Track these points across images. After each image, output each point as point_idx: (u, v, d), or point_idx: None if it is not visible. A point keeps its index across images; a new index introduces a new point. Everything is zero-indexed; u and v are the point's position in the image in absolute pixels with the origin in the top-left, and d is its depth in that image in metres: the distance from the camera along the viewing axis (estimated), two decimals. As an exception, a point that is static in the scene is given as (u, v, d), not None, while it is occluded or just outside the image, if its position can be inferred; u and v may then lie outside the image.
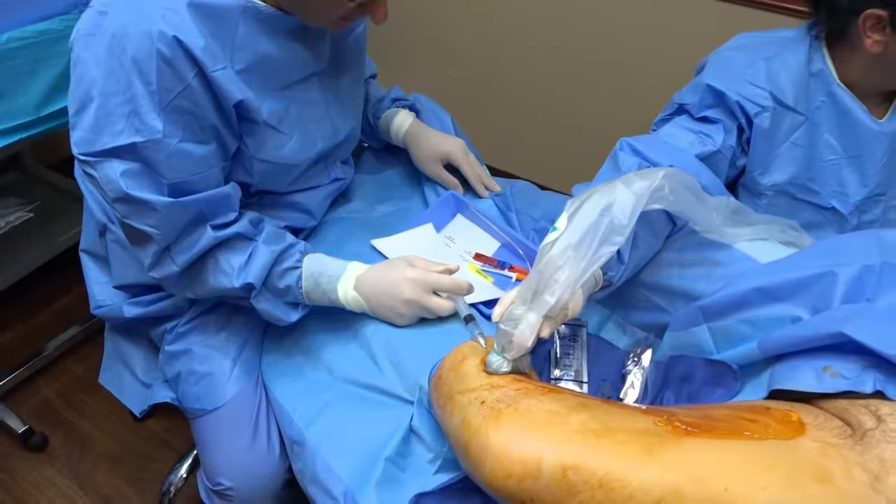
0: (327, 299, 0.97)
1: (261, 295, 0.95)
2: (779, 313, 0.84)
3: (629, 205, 0.80)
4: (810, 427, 0.73)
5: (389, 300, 0.96)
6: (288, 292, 0.96)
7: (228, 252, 0.93)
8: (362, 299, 0.97)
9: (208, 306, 1.07)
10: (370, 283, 0.97)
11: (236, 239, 0.93)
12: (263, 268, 0.93)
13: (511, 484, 0.71)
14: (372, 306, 0.97)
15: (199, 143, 0.86)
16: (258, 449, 1.02)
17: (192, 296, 0.97)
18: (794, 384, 0.78)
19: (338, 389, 0.98)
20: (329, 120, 1.02)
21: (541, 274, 0.78)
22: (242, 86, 0.87)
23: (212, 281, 0.93)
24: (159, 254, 0.90)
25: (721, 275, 0.92)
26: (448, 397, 0.83)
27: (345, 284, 0.97)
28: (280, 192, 1.05)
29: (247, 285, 0.93)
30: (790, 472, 0.69)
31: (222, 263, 0.92)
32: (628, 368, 0.98)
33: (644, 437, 0.72)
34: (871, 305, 0.79)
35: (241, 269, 0.93)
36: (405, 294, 0.95)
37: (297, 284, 0.96)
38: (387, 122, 1.23)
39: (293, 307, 0.98)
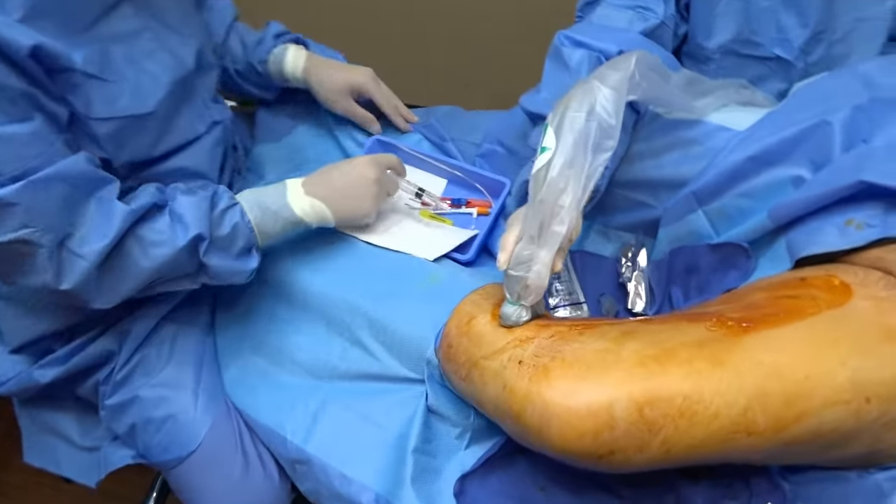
0: (282, 224, 0.85)
1: (211, 248, 0.80)
2: (777, 177, 0.80)
3: (612, 101, 0.71)
4: (855, 286, 0.70)
5: (355, 187, 0.87)
6: (236, 235, 0.81)
7: (150, 222, 0.77)
8: (322, 202, 0.85)
9: (142, 339, 0.90)
10: (322, 183, 0.87)
11: (152, 210, 0.78)
12: (202, 214, 0.79)
13: (586, 442, 0.63)
14: (336, 206, 0.86)
15: (21, 121, 0.67)
16: (254, 479, 0.88)
17: (118, 298, 0.78)
18: (820, 246, 0.74)
19: (326, 390, 0.86)
20: (164, 49, 0.83)
21: (543, 203, 0.68)
22: (31, 31, 0.68)
23: (144, 262, 0.76)
24: (55, 257, 0.71)
25: (699, 153, 0.86)
26: (471, 365, 0.73)
27: (295, 196, 0.85)
28: (153, 160, 0.87)
29: (194, 239, 0.77)
30: (857, 340, 0.65)
31: (150, 235, 0.76)
32: (625, 276, 0.91)
33: (705, 347, 0.65)
34: (871, 146, 0.75)
35: (176, 228, 0.77)
36: (370, 173, 0.87)
37: (244, 220, 0.82)
38: (277, 64, 1.06)
39: (247, 253, 0.84)
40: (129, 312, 0.90)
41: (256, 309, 0.93)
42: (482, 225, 0.97)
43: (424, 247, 0.92)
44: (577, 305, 0.92)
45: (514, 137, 1.00)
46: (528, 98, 0.91)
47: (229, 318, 0.95)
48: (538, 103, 0.88)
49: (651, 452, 0.64)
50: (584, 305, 0.91)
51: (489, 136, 1.03)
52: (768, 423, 0.63)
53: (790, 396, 0.63)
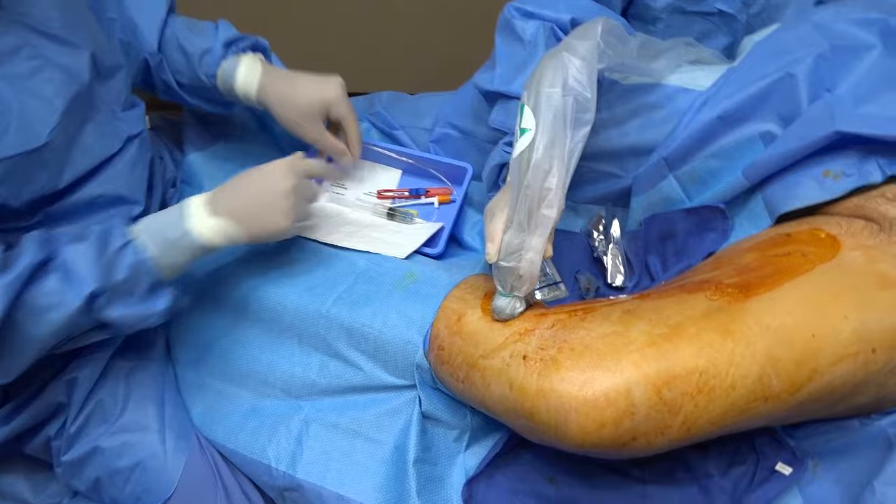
0: (188, 253, 0.74)
1: (112, 300, 0.69)
2: (747, 134, 0.79)
3: (585, 73, 0.68)
4: (842, 237, 0.70)
5: (267, 201, 0.74)
6: (136, 277, 0.70)
7: (37, 285, 0.66)
8: (228, 220, 0.73)
9: (92, 384, 0.81)
10: (229, 198, 0.74)
11: (37, 270, 0.66)
12: (93, 263, 0.67)
13: (607, 432, 0.60)
14: (245, 225, 0.74)
15: None
16: (240, 513, 0.82)
17: (17, 372, 0.69)
18: (801, 200, 0.74)
19: (307, 410, 0.80)
20: (51, 65, 0.71)
21: (529, 187, 0.65)
22: None
23: (37, 331, 0.66)
24: None
25: (663, 117, 0.84)
26: (469, 367, 0.69)
27: (198, 220, 0.73)
28: (61, 192, 0.76)
29: (90, 296, 0.66)
30: (855, 292, 0.65)
31: (39, 300, 0.65)
32: (600, 250, 0.89)
33: (711, 318, 0.64)
34: (838, 95, 0.75)
35: (66, 286, 0.66)
36: (282, 184, 0.74)
37: (141, 258, 0.70)
38: (227, 79, 0.88)
39: (152, 292, 0.73)
40: (73, 358, 0.80)
41: (217, 332, 0.86)
42: (445, 214, 0.93)
43: (393, 245, 0.87)
44: (553, 286, 0.88)
45: (468, 119, 0.96)
46: (482, 76, 0.87)
47: (187, 345, 0.87)
48: (494, 81, 0.84)
49: (672, 433, 0.62)
50: (561, 285, 0.88)
51: (441, 120, 0.98)
52: (783, 387, 0.62)
53: (801, 357, 0.62)
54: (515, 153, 0.66)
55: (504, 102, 0.84)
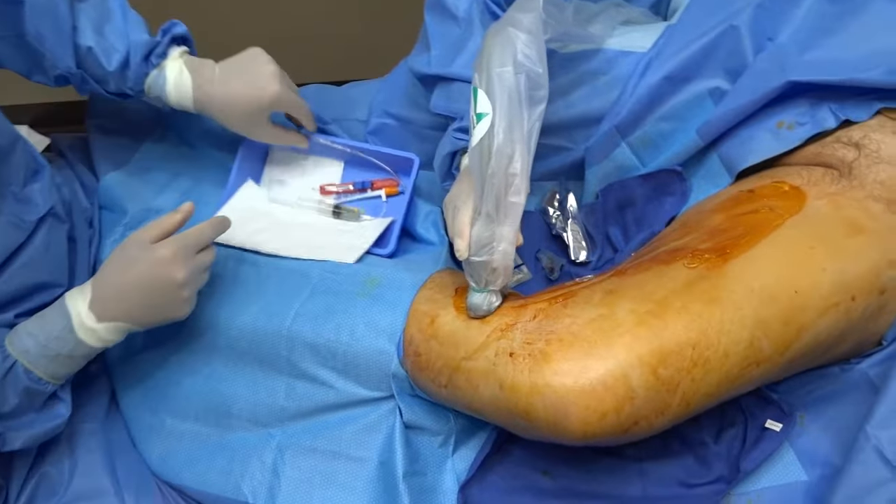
0: (80, 360, 0.69)
1: (7, 430, 0.65)
2: (695, 92, 0.77)
3: (533, 47, 0.64)
4: (805, 187, 0.69)
5: (160, 298, 0.68)
6: (29, 398, 0.66)
7: None
8: (123, 322, 0.67)
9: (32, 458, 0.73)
10: (114, 298, 0.67)
11: None
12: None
13: (609, 421, 0.58)
14: (140, 321, 0.69)
15: None
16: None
17: None
18: (759, 154, 0.73)
19: (279, 438, 0.75)
20: None
21: (494, 175, 0.61)
22: None
23: None
24: None
25: (607, 83, 0.82)
26: (452, 370, 0.65)
27: (85, 329, 0.66)
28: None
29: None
30: (828, 242, 0.65)
31: None
32: (558, 226, 0.86)
33: (694, 288, 0.62)
34: (781, 44, 0.74)
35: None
36: (175, 276, 0.67)
37: (31, 378, 0.65)
38: (157, 94, 0.80)
39: (49, 405, 0.69)
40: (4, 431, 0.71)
41: (168, 369, 0.79)
42: (394, 207, 0.88)
43: (341, 248, 0.81)
44: (516, 269, 0.86)
45: (404, 106, 0.91)
46: (417, 59, 0.82)
47: (138, 388, 0.80)
48: (431, 63, 0.79)
49: (672, 411, 0.60)
50: (524, 267, 0.86)
51: (376, 110, 0.93)
52: (774, 348, 0.62)
53: (787, 316, 0.62)
54: (474, 140, 0.62)
55: (444, 86, 0.80)
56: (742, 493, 0.69)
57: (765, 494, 0.69)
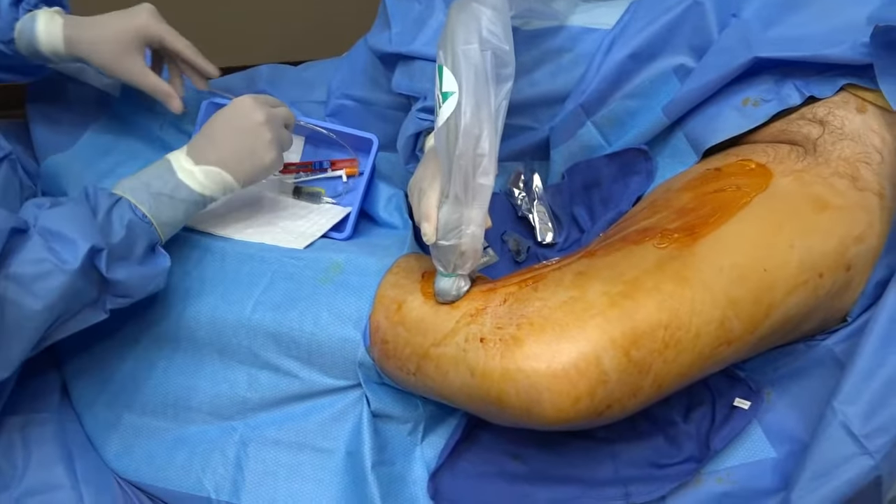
0: (184, 207, 0.70)
1: (111, 261, 0.63)
2: (660, 70, 0.76)
3: (499, 23, 0.62)
4: (771, 165, 0.69)
5: (247, 138, 0.72)
6: (133, 236, 0.65)
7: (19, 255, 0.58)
8: (217, 167, 0.70)
9: None
10: (207, 146, 0.71)
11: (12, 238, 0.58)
12: (85, 222, 0.62)
13: (583, 405, 0.57)
14: (235, 168, 0.71)
15: None
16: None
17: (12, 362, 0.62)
18: (725, 132, 0.73)
19: (242, 430, 0.72)
20: None
21: (462, 156, 0.59)
22: None
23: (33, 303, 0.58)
24: None
25: (571, 61, 0.81)
26: (420, 357, 0.64)
27: (185, 170, 0.70)
28: None
29: (88, 254, 0.60)
30: (796, 219, 0.65)
31: (27, 270, 0.58)
32: (524, 208, 0.85)
33: (665, 268, 0.61)
34: (745, 21, 0.73)
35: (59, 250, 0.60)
36: (255, 117, 0.72)
37: (138, 215, 0.66)
38: (27, 41, 0.76)
39: (152, 253, 0.68)
40: None
41: (120, 362, 0.75)
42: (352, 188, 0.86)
43: (293, 233, 0.79)
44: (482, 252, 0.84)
45: (363, 86, 0.88)
46: (377, 38, 0.79)
47: (91, 382, 0.76)
48: (392, 41, 0.77)
49: (644, 393, 0.60)
50: (490, 249, 0.84)
51: (334, 91, 0.90)
52: (744, 327, 0.62)
53: (757, 294, 0.62)
54: (441, 120, 0.60)
55: (406, 64, 0.77)
56: (712, 472, 0.69)
57: (734, 472, 0.69)
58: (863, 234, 0.65)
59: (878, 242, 0.66)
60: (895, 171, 0.67)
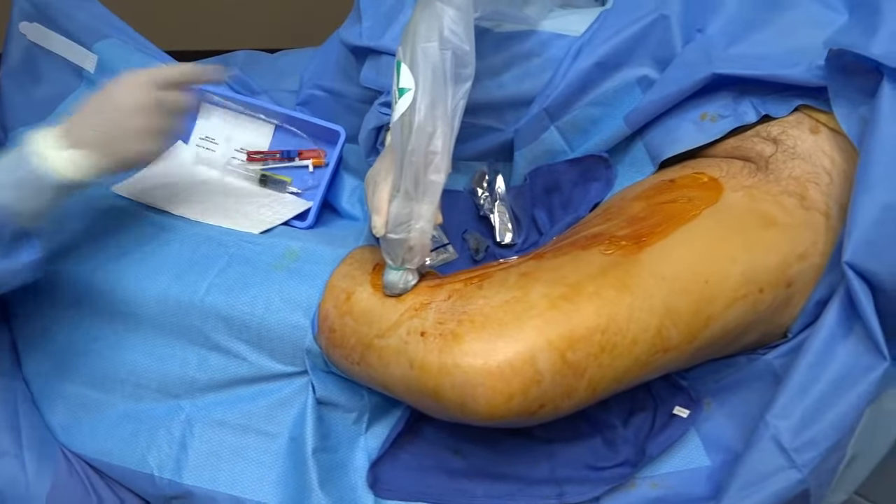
0: (46, 194, 0.64)
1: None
2: (624, 80, 0.77)
3: (461, 24, 0.63)
4: (723, 179, 0.70)
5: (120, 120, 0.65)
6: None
7: None
8: (83, 151, 0.64)
9: None
10: (79, 124, 0.65)
11: None
12: None
13: (515, 404, 0.58)
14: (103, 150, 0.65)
15: None
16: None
17: None
18: (680, 145, 0.74)
19: (188, 409, 0.73)
20: None
21: (414, 152, 0.60)
22: None
23: None
24: None
25: (539, 65, 0.81)
26: (364, 347, 0.65)
27: (46, 153, 0.63)
28: None
29: None
30: (741, 233, 0.66)
31: None
32: (486, 208, 0.86)
33: (608, 274, 0.63)
34: (709, 36, 0.74)
35: None
36: (137, 98, 0.65)
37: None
38: None
39: (17, 243, 0.64)
40: None
41: (73, 333, 0.76)
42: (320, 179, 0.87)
43: (249, 219, 0.80)
44: (442, 248, 0.85)
45: (335, 78, 0.89)
46: (348, 31, 0.80)
47: (40, 351, 0.76)
48: (363, 35, 0.78)
49: (579, 396, 0.61)
50: (450, 246, 0.86)
51: (306, 81, 0.90)
52: (682, 337, 0.63)
53: (696, 306, 0.63)
54: (395, 116, 0.61)
55: (374, 58, 0.78)
56: (646, 477, 0.70)
57: (668, 479, 0.70)
58: (806, 252, 0.66)
59: (821, 261, 0.67)
60: (842, 193, 0.68)
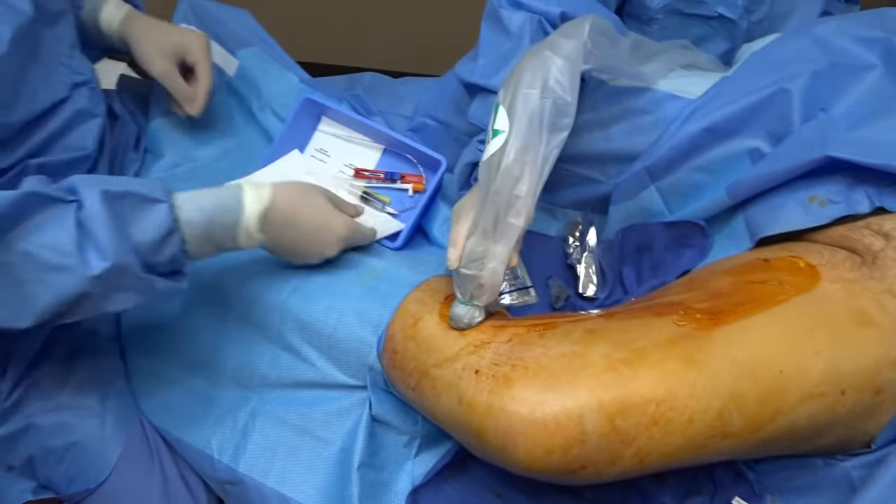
0: (215, 251, 0.70)
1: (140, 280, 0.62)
2: (734, 150, 0.75)
3: (567, 74, 0.64)
4: (822, 268, 0.66)
5: (316, 245, 0.75)
6: (169, 264, 0.65)
7: (48, 234, 0.56)
8: (270, 244, 0.72)
9: (30, 359, 0.77)
10: (279, 223, 0.71)
11: (42, 203, 0.57)
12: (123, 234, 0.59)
13: (555, 459, 0.57)
14: (283, 253, 0.74)
15: None
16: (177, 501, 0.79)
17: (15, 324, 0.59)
18: (784, 225, 0.70)
19: (255, 402, 0.77)
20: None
21: (497, 193, 0.61)
22: None
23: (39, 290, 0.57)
24: None
25: (650, 123, 0.80)
26: (421, 374, 0.66)
27: (248, 236, 0.69)
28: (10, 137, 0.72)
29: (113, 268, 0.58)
30: (830, 327, 0.62)
31: (45, 253, 0.56)
32: (574, 257, 0.85)
33: (676, 345, 0.60)
34: (832, 116, 0.71)
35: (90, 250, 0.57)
36: (340, 231, 0.75)
37: (182, 249, 0.65)
38: (92, 16, 0.86)
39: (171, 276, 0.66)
40: None
41: (171, 315, 0.82)
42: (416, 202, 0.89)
43: None
44: (524, 291, 0.85)
45: (448, 110, 0.91)
46: (464, 67, 0.82)
47: (138, 326, 0.83)
48: (476, 72, 0.80)
49: (624, 464, 0.59)
50: (532, 290, 0.85)
51: (420, 109, 0.94)
52: (744, 425, 0.59)
53: (765, 395, 0.59)
54: (486, 155, 0.62)
55: (484, 97, 0.80)
56: (691, 565, 0.67)
57: (716, 570, 0.66)
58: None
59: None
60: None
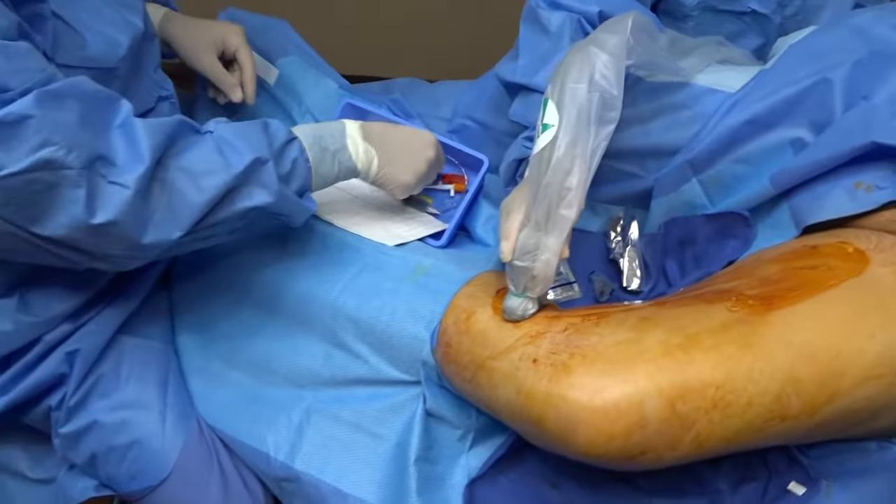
0: (337, 169, 0.77)
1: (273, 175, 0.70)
2: (776, 140, 0.76)
3: (612, 69, 0.65)
4: (870, 253, 0.67)
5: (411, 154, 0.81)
6: (293, 173, 0.73)
7: (192, 151, 0.67)
8: (375, 152, 0.79)
9: (95, 357, 0.79)
10: (380, 134, 0.80)
11: (187, 132, 0.68)
12: (257, 140, 0.70)
13: (616, 445, 0.58)
14: (385, 162, 0.80)
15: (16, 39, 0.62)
16: (237, 498, 0.81)
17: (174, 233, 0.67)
18: (830, 212, 0.71)
19: (309, 400, 0.78)
20: (115, 7, 0.77)
21: (549, 186, 0.62)
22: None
23: (196, 195, 0.66)
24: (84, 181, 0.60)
25: (689, 118, 0.82)
26: (477, 367, 0.67)
27: (353, 139, 0.78)
28: None
29: (252, 163, 0.68)
30: (883, 310, 0.63)
31: (196, 165, 0.67)
32: (616, 251, 0.86)
33: (731, 330, 0.61)
34: (874, 104, 0.71)
35: (227, 154, 0.68)
36: (428, 145, 0.82)
37: (303, 157, 0.74)
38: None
39: (301, 196, 0.75)
40: (76, 328, 0.79)
41: (221, 315, 0.84)
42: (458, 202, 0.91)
43: (387, 232, 0.85)
44: (567, 286, 0.86)
45: (486, 110, 0.93)
46: (504, 67, 0.84)
47: (191, 327, 0.86)
48: (517, 72, 0.81)
49: (683, 448, 0.60)
50: (575, 285, 0.87)
51: (459, 111, 0.96)
52: (802, 408, 0.60)
53: (823, 378, 0.60)
54: (536, 149, 0.64)
55: (525, 95, 0.82)
56: (749, 550, 0.67)
57: (774, 556, 0.67)
58: (956, 343, 0.62)
59: (973, 356, 0.62)
60: None
